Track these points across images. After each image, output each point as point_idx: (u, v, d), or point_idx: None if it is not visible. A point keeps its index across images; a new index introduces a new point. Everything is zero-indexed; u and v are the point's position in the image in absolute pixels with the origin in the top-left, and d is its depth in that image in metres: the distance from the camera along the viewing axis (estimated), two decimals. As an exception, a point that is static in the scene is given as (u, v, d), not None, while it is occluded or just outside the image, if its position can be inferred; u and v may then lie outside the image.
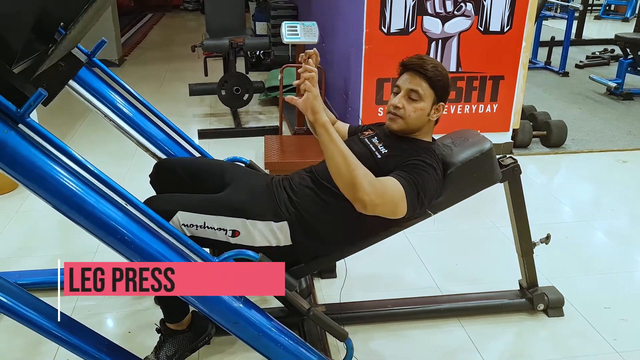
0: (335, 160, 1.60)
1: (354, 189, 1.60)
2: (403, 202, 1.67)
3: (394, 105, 1.86)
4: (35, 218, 3.13)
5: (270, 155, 3.70)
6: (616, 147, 4.35)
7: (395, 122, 1.88)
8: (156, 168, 2.04)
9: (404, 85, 1.86)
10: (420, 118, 1.86)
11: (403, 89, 1.86)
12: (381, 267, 2.66)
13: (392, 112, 1.87)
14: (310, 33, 3.86)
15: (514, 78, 3.92)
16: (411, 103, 1.84)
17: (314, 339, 2.07)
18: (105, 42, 2.10)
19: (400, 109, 1.85)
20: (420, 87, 1.83)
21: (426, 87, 1.83)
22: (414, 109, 1.84)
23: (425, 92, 1.84)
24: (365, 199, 1.60)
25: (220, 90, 4.59)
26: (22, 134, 1.38)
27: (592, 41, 8.33)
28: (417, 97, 1.84)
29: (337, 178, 1.62)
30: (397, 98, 1.86)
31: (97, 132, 4.38)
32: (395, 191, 1.66)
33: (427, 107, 1.85)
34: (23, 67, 1.51)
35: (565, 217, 3.32)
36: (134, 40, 8.54)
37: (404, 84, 1.86)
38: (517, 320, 2.33)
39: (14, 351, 2.11)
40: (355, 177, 1.59)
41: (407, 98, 1.85)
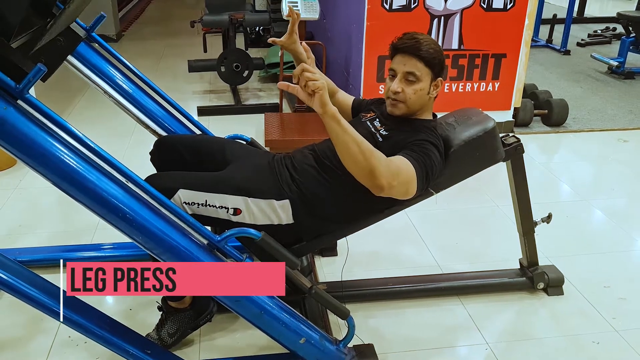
0: (350, 150, 1.54)
1: (371, 176, 1.57)
2: (414, 182, 1.66)
3: (393, 91, 1.82)
4: (34, 195, 3.11)
5: (271, 132, 3.68)
6: (617, 126, 4.33)
7: (397, 107, 1.85)
8: (157, 145, 2.03)
9: (399, 68, 1.82)
10: (421, 98, 1.84)
11: (399, 73, 1.82)
12: (382, 246, 2.67)
13: (392, 97, 1.84)
14: (312, 9, 3.81)
15: (516, 56, 3.89)
16: (410, 85, 1.81)
17: (315, 317, 2.07)
18: (104, 16, 2.07)
19: (399, 94, 1.82)
20: (416, 68, 1.79)
21: (422, 67, 1.80)
22: (414, 91, 1.81)
23: (422, 72, 1.80)
24: (384, 184, 1.57)
25: (220, 67, 4.55)
26: (21, 110, 1.36)
27: (594, 19, 8.26)
28: (415, 78, 1.80)
29: (353, 167, 1.57)
30: (395, 83, 1.82)
31: (96, 109, 4.35)
32: (409, 171, 1.65)
33: (426, 86, 1.82)
34: (21, 42, 1.49)
35: (566, 196, 3.32)
36: (131, 15, 8.44)
37: (399, 67, 1.82)
38: (517, 299, 2.34)
39: (15, 328, 2.12)
40: (372, 164, 1.55)
41: (405, 81, 1.81)
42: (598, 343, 2.10)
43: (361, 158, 1.54)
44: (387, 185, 1.58)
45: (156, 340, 1.95)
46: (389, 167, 1.59)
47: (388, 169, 1.59)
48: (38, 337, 2.07)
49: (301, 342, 1.71)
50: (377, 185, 1.58)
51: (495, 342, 2.10)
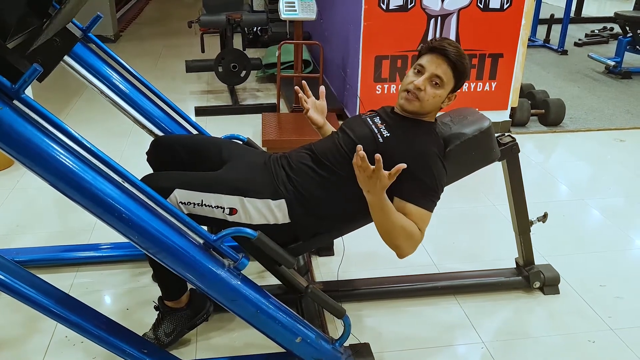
0: (382, 229, 1.70)
1: (397, 250, 1.73)
2: (429, 217, 1.75)
3: (416, 86, 1.79)
4: (31, 195, 3.12)
5: (268, 132, 3.69)
6: (614, 125, 4.34)
7: (412, 103, 1.81)
8: (153, 145, 2.03)
9: (430, 68, 1.79)
10: (435, 104, 1.83)
11: (428, 72, 1.79)
12: (379, 245, 2.62)
13: (413, 91, 1.80)
14: (309, 9, 3.82)
15: (513, 56, 3.89)
16: (433, 88, 1.79)
17: (311, 316, 2.08)
18: (101, 17, 2.08)
19: (421, 92, 1.79)
20: (445, 74, 1.78)
21: (450, 75, 1.79)
22: (434, 95, 1.80)
23: (448, 80, 1.80)
24: (408, 253, 1.73)
25: (217, 67, 4.55)
26: (18, 110, 1.37)
27: (592, 19, 8.26)
28: (440, 83, 1.79)
29: (382, 238, 1.73)
30: (421, 80, 1.79)
31: (93, 109, 4.35)
32: (425, 221, 1.74)
33: (444, 94, 1.82)
34: (17, 42, 1.50)
35: (562, 195, 3.33)
36: (129, 16, 8.43)
37: (431, 66, 1.79)
38: (514, 298, 2.34)
39: (12, 328, 2.12)
40: (398, 244, 1.70)
41: (430, 82, 1.79)
42: (594, 342, 2.10)
43: (391, 237, 1.70)
44: (407, 255, 1.73)
45: (153, 339, 1.95)
46: (412, 238, 1.70)
47: (413, 244, 1.71)
48: (35, 336, 2.07)
49: (297, 341, 1.71)
50: (401, 255, 1.74)
51: (491, 341, 2.11)
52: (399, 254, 1.73)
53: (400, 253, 1.73)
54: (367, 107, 3.43)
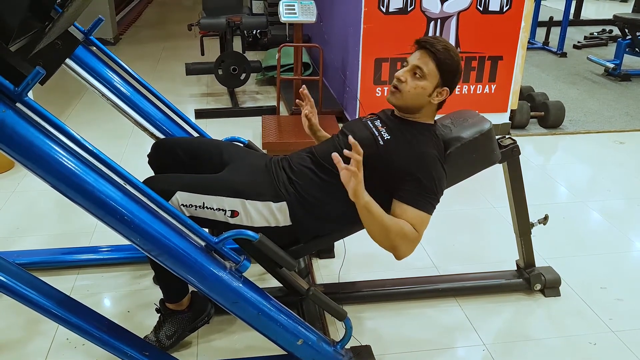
0: (374, 232, 1.69)
1: (394, 251, 1.72)
2: (428, 220, 1.75)
3: (397, 77, 1.83)
4: (32, 197, 3.12)
5: (268, 135, 3.69)
6: (613, 128, 4.35)
7: (395, 95, 1.84)
8: (154, 147, 2.03)
9: (411, 60, 1.83)
10: (419, 97, 1.82)
11: (410, 64, 1.83)
12: (379, 247, 2.65)
13: (395, 84, 1.84)
14: (308, 12, 3.82)
15: (513, 58, 3.90)
16: (414, 80, 1.81)
17: (312, 319, 2.08)
18: (102, 20, 2.09)
19: (402, 83, 1.82)
20: (426, 66, 1.79)
21: (432, 67, 1.79)
22: (415, 86, 1.81)
23: (430, 72, 1.80)
24: (406, 255, 1.73)
25: (217, 70, 4.55)
26: (20, 112, 1.37)
27: (591, 21, 8.28)
28: (421, 74, 1.80)
29: (378, 242, 1.72)
30: (402, 71, 1.83)
31: (94, 111, 4.35)
32: (424, 223, 1.74)
33: (428, 87, 1.81)
34: (20, 45, 1.50)
35: (562, 197, 3.33)
36: (129, 19, 8.43)
37: (413, 59, 1.83)
38: (514, 300, 2.35)
39: (14, 330, 2.12)
40: (394, 245, 1.69)
41: (412, 74, 1.81)
42: (595, 344, 2.11)
43: (384, 240, 1.69)
44: (408, 254, 1.73)
45: (154, 342, 1.95)
46: (409, 239, 1.70)
47: (408, 241, 1.70)
48: (36, 339, 2.07)
49: (299, 343, 1.71)
50: (398, 256, 1.73)
51: (492, 343, 2.11)
52: (396, 255, 1.73)
53: (397, 254, 1.72)
54: (366, 110, 3.43)
